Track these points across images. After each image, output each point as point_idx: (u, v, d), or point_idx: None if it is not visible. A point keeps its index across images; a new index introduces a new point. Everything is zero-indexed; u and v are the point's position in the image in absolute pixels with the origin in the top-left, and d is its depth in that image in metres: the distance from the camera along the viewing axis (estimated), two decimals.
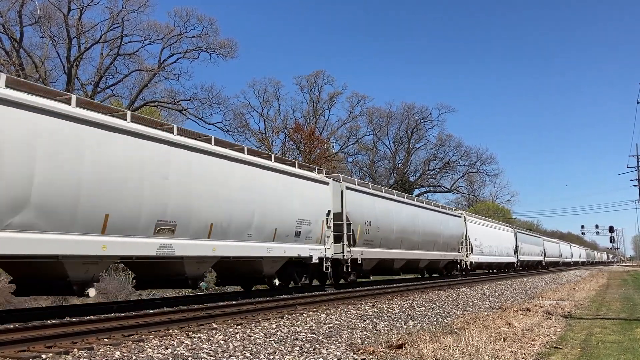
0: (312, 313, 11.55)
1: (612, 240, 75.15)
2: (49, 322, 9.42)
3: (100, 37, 37.73)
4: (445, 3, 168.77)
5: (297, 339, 8.40)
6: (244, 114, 54.84)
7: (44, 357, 6.54)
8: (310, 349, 7.72)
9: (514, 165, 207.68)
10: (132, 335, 8.13)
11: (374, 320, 11.04)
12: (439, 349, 7.60)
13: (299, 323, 10.04)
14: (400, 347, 7.86)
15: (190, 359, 6.74)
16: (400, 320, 11.29)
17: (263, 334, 8.66)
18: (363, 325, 10.32)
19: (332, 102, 60.41)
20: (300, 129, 52.57)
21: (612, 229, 69.88)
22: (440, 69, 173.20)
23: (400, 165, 67.59)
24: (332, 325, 10.01)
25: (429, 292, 18.79)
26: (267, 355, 7.16)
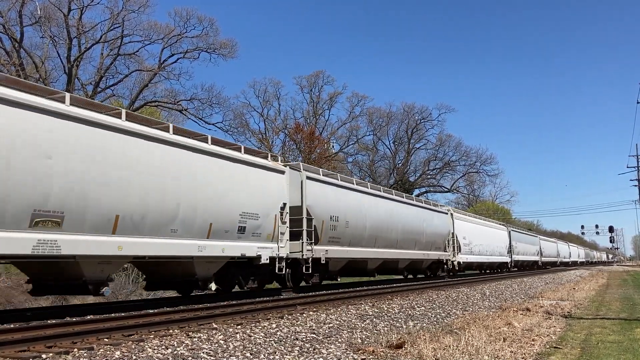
0: (312, 313, 11.56)
1: (612, 240, 75.20)
2: (49, 322, 9.43)
3: (101, 37, 37.80)
4: (445, 3, 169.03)
5: (297, 339, 8.41)
6: (244, 114, 55.02)
7: (44, 357, 6.55)
8: (310, 349, 7.73)
9: (514, 165, 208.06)
10: (132, 335, 8.14)
11: (374, 320, 11.05)
12: (439, 349, 7.61)
13: (299, 323, 10.05)
14: (400, 347, 7.87)
15: (191, 359, 6.75)
16: (400, 320, 11.30)
17: (263, 334, 8.67)
18: (363, 325, 10.33)
19: (332, 102, 60.58)
20: (300, 129, 52.63)
21: (612, 229, 69.89)
22: (440, 69, 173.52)
23: (400, 165, 67.65)
24: (332, 325, 10.02)
25: (429, 292, 18.79)
26: (267, 355, 7.17)
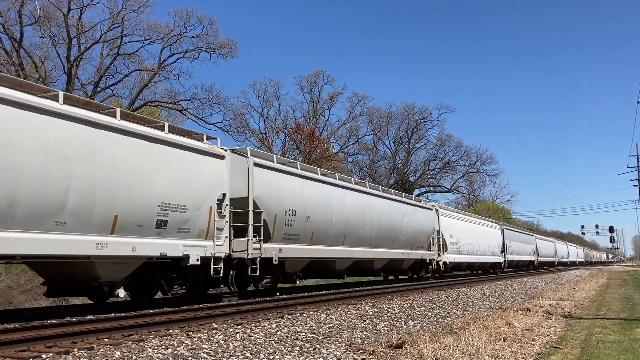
0: (312, 313, 11.56)
1: (612, 240, 75.28)
2: (49, 322, 9.43)
3: (100, 37, 37.76)
4: (445, 3, 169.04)
5: (297, 339, 8.41)
6: (244, 114, 54.91)
7: (44, 357, 6.55)
8: (311, 349, 7.72)
9: (514, 165, 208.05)
10: (132, 335, 8.14)
11: (374, 320, 11.05)
12: (439, 349, 7.61)
13: (299, 323, 10.05)
14: (400, 346, 7.87)
15: (191, 359, 6.75)
16: (400, 320, 11.30)
17: (263, 334, 8.67)
18: (363, 325, 10.33)
19: (332, 102, 60.48)
20: (301, 129, 52.62)
21: (612, 229, 70.00)
22: (440, 69, 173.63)
23: (401, 165, 67.63)
24: (332, 325, 10.02)
25: (429, 292, 18.81)
26: (267, 355, 7.17)
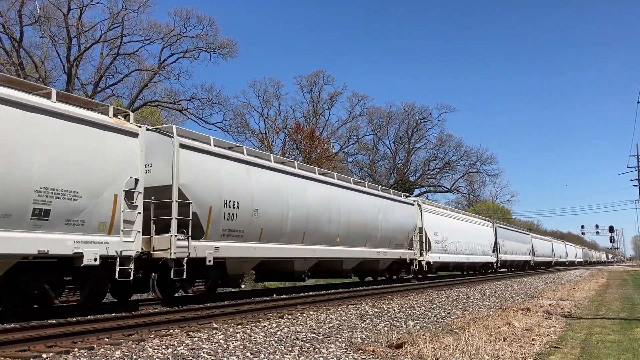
0: (312, 313, 11.57)
1: (612, 240, 75.20)
2: (50, 321, 9.44)
3: (100, 36, 37.74)
4: (445, 3, 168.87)
5: (297, 339, 8.42)
6: (244, 114, 54.83)
7: (45, 356, 6.56)
8: (311, 349, 7.73)
9: (514, 165, 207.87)
10: (132, 335, 8.15)
11: (374, 320, 11.06)
12: (439, 349, 7.62)
13: (299, 323, 10.06)
14: (400, 346, 7.88)
15: (191, 359, 6.75)
16: (400, 320, 11.31)
17: (263, 334, 8.67)
18: (363, 325, 10.33)
19: (332, 102, 60.43)
20: (301, 129, 52.56)
21: (612, 229, 69.91)
22: (440, 69, 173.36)
23: (401, 165, 67.60)
24: (332, 325, 10.02)
25: (429, 292, 18.82)
26: (267, 355, 7.17)
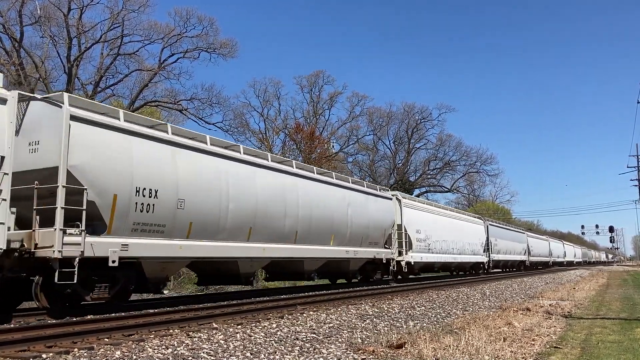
0: (312, 313, 11.56)
1: (612, 240, 75.22)
2: (49, 321, 9.43)
3: (101, 36, 37.71)
4: (446, 3, 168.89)
5: (297, 339, 8.42)
6: (244, 114, 54.78)
7: (45, 356, 6.55)
8: (311, 349, 7.73)
9: (514, 165, 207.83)
10: (132, 335, 8.14)
11: (374, 320, 11.05)
12: (439, 349, 7.61)
13: (299, 323, 10.05)
14: (401, 346, 7.87)
15: (191, 359, 6.75)
16: (400, 320, 11.30)
17: (263, 334, 8.67)
18: (363, 325, 10.33)
19: (332, 102, 60.39)
20: (301, 129, 52.53)
21: (612, 229, 69.93)
22: (440, 69, 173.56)
23: (401, 165, 67.58)
24: (332, 325, 10.02)
25: (429, 292, 18.82)
26: (267, 355, 7.17)
